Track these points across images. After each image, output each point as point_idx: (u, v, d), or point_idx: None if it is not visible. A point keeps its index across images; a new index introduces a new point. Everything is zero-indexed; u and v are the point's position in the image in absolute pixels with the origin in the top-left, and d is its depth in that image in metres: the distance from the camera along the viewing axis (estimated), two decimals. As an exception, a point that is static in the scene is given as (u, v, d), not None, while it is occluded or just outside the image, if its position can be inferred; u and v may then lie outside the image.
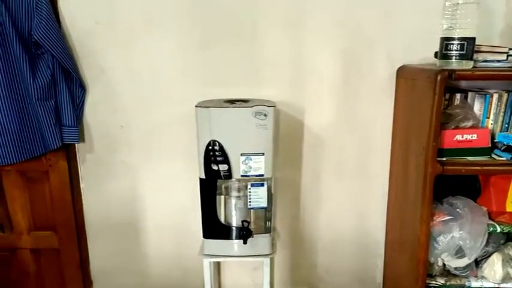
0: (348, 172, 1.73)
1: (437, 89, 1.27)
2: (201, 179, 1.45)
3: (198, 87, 1.62)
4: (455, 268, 1.49)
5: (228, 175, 1.42)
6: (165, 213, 1.77)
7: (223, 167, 1.41)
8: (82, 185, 1.75)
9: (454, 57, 1.31)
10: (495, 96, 1.42)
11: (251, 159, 1.41)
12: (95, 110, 1.66)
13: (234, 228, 1.49)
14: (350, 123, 1.68)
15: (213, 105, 1.40)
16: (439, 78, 1.27)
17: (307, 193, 1.75)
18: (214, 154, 1.40)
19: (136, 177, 1.73)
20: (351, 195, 1.75)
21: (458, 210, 1.43)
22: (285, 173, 1.72)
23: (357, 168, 1.72)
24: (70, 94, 1.58)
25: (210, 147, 1.40)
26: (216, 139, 1.39)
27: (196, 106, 1.39)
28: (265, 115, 1.38)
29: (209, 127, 1.38)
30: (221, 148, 1.39)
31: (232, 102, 1.46)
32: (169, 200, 1.75)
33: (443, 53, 1.33)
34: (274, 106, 1.40)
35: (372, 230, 1.79)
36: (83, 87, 1.62)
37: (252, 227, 1.49)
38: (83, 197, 1.77)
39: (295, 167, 1.73)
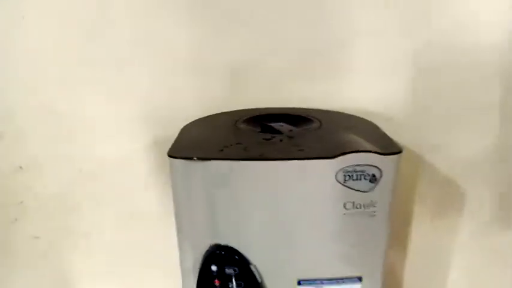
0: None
1: None
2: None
3: (179, 91, 0.70)
4: None
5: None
6: None
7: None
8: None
9: None
10: None
11: (326, 294, 0.51)
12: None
13: None
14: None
15: (211, 146, 0.49)
16: None
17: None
18: (224, 281, 0.50)
19: (63, 268, 0.84)
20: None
21: None
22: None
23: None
24: None
25: (215, 268, 0.49)
26: (229, 244, 0.49)
27: (169, 156, 0.47)
28: (373, 179, 0.46)
29: (210, 213, 0.48)
30: (243, 266, 0.49)
31: (272, 130, 0.55)
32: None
33: None
34: (400, 152, 0.47)
35: None
36: None
37: None
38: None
39: (400, 249, 0.81)
